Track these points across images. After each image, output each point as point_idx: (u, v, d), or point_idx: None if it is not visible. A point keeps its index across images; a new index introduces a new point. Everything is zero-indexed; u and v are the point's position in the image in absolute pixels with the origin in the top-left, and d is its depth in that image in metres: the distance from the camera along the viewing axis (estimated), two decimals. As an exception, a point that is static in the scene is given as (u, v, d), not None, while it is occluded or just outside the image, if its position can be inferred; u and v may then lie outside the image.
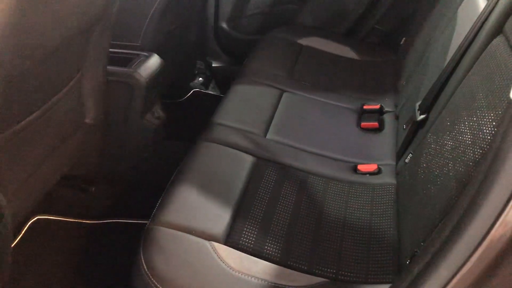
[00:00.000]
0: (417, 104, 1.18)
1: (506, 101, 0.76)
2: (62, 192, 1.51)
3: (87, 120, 1.26)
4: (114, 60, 1.31)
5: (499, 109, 0.79)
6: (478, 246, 0.51)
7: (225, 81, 2.14)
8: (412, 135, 1.18)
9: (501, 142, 0.48)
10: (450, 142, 0.92)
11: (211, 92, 2.23)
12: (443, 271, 0.53)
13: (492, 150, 0.52)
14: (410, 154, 1.14)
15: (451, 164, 0.87)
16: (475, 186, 0.52)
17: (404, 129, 1.24)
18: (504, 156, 0.48)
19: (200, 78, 2.21)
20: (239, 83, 1.53)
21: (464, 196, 0.54)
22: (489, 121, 0.80)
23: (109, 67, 1.26)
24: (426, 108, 1.13)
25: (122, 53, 1.44)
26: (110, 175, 1.50)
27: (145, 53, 1.45)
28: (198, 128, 1.34)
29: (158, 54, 1.45)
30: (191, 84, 2.20)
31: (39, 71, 0.92)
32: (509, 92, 0.78)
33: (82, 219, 1.50)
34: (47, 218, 1.48)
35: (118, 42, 1.44)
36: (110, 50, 1.22)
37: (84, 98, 1.22)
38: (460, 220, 0.52)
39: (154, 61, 1.42)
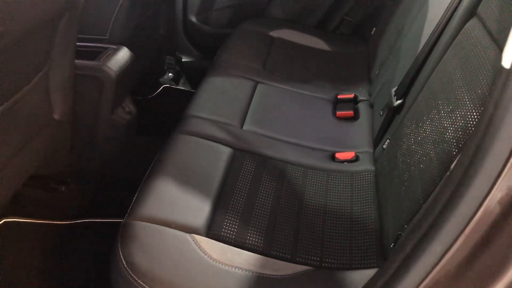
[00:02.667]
0: (393, 90, 1.18)
1: (488, 77, 0.76)
2: (30, 193, 1.44)
3: (55, 116, 1.21)
4: (82, 53, 1.26)
5: (478, 88, 0.79)
6: (472, 218, 0.51)
7: (195, 76, 2.10)
8: (389, 121, 1.18)
9: (495, 109, 0.48)
10: (429, 124, 0.92)
11: (182, 88, 2.19)
12: (436, 246, 0.52)
13: (485, 118, 0.51)
14: (388, 140, 1.14)
15: (431, 145, 0.87)
16: (468, 156, 0.51)
17: (380, 115, 1.24)
18: (499, 123, 0.47)
19: (170, 74, 2.17)
20: (212, 75, 1.51)
21: (457, 167, 0.53)
22: (469, 100, 0.80)
23: (77, 61, 1.21)
24: (402, 93, 1.13)
25: (90, 46, 1.39)
26: (81, 173, 1.45)
27: (113, 46, 1.40)
28: (170, 124, 1.31)
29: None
30: (161, 80, 2.16)
31: (3, 60, 0.87)
32: (488, 70, 0.78)
33: (53, 220, 1.44)
34: (16, 221, 1.42)
35: (86, 36, 1.39)
36: (78, 44, 1.17)
37: (52, 93, 1.17)
38: (454, 191, 0.52)
39: (123, 54, 1.38)
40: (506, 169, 0.49)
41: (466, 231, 0.52)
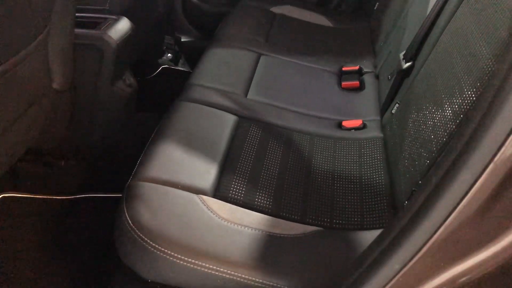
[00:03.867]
0: (401, 54, 1.16)
1: (506, 24, 0.74)
2: (30, 169, 1.41)
3: (54, 86, 1.17)
4: (81, 23, 1.23)
5: (496, 36, 0.76)
6: (501, 146, 0.49)
7: (195, 57, 2.06)
8: (397, 86, 1.16)
9: None
10: (442, 81, 0.89)
11: (181, 69, 2.16)
12: (466, 175, 0.50)
13: (508, 60, 0.49)
14: (397, 104, 1.12)
15: (445, 99, 0.85)
16: (490, 94, 0.49)
17: (389, 79, 1.22)
18: None
19: (169, 54, 2.13)
20: (214, 47, 1.48)
21: (479, 102, 0.51)
22: (486, 49, 0.78)
23: (76, 30, 1.17)
24: (412, 56, 1.11)
25: (89, 17, 1.36)
26: (81, 147, 1.42)
27: (113, 17, 1.37)
28: (170, 103, 1.27)
29: None
30: (160, 60, 2.12)
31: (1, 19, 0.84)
32: (506, 17, 0.76)
33: (53, 195, 1.41)
34: (14, 196, 1.38)
35: (85, 6, 1.36)
36: (77, 14, 1.14)
37: (51, 60, 1.13)
38: (482, 118, 0.49)
39: (124, 24, 1.34)
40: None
41: (496, 159, 0.49)
